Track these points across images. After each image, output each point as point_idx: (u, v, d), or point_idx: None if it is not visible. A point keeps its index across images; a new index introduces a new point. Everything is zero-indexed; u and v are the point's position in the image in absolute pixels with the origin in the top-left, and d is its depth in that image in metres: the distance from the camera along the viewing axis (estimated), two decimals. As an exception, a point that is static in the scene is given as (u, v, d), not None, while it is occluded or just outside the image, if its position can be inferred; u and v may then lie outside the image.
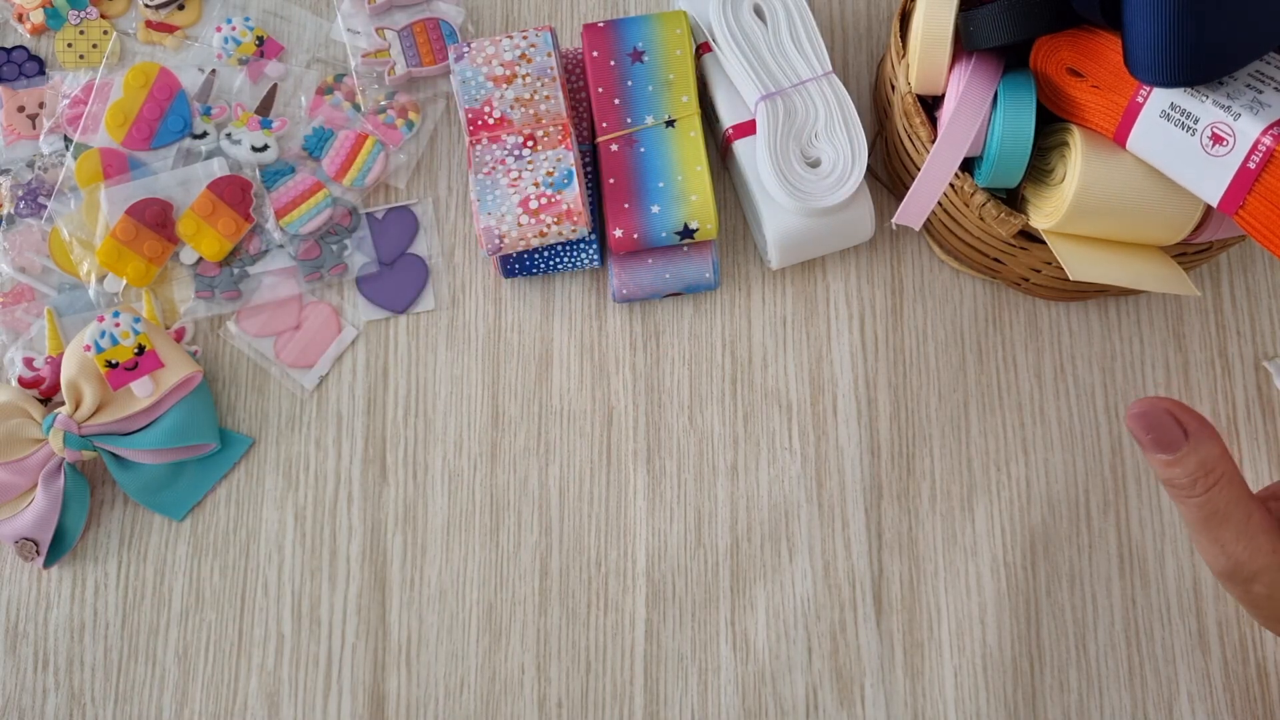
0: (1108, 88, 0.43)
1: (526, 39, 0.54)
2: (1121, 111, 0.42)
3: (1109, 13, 0.41)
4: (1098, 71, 0.43)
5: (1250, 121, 0.38)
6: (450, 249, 0.57)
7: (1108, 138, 0.44)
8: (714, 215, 0.53)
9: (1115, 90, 0.42)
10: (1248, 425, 0.55)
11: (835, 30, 0.60)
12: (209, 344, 0.56)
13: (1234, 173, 0.38)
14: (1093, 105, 0.44)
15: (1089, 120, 0.44)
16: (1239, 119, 0.38)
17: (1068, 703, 0.52)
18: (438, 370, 0.56)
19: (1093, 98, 0.44)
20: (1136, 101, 0.41)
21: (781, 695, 0.52)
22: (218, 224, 0.55)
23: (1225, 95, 0.39)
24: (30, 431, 0.52)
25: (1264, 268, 0.57)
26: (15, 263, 0.55)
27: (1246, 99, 0.39)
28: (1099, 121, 0.43)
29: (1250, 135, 0.38)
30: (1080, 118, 0.45)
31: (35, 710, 0.52)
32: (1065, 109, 0.46)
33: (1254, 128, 0.38)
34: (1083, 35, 0.43)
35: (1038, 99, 0.46)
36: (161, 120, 0.57)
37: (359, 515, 0.54)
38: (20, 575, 0.53)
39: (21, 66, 0.58)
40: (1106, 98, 0.43)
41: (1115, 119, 0.42)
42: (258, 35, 0.58)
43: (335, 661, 0.52)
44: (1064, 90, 0.45)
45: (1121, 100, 0.42)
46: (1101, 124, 0.43)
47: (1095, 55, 0.43)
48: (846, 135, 0.52)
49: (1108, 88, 0.43)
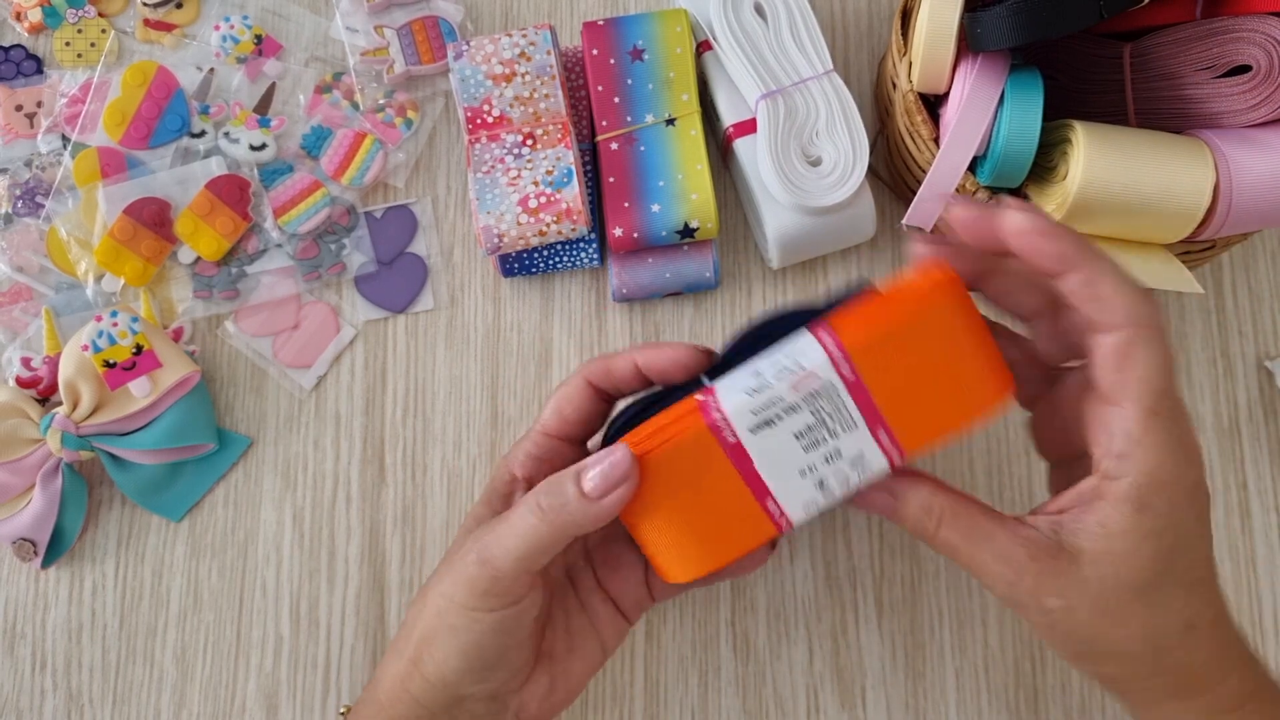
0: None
1: (526, 37, 0.54)
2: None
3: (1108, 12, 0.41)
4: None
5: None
6: (449, 248, 0.57)
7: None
8: (714, 214, 0.53)
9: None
10: (1249, 425, 0.55)
11: (836, 28, 0.60)
12: (207, 344, 0.56)
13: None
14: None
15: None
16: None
17: (1069, 703, 0.52)
18: (436, 370, 0.56)
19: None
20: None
21: (782, 696, 0.52)
22: (216, 223, 0.55)
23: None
24: (28, 431, 0.52)
25: (1266, 267, 0.57)
26: (13, 262, 0.55)
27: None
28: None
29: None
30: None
31: (34, 711, 0.52)
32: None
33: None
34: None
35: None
36: (159, 119, 0.56)
37: (357, 516, 0.54)
38: (18, 576, 0.53)
39: (19, 65, 0.58)
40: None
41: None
42: (256, 34, 0.58)
43: (334, 663, 0.52)
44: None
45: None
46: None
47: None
48: (848, 134, 0.52)
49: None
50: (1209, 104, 0.47)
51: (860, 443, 0.37)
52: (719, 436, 0.36)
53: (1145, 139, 0.46)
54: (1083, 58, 0.51)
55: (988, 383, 0.37)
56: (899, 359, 0.36)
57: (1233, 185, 0.44)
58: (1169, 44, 0.48)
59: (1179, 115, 0.48)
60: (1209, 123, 0.47)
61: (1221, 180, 0.45)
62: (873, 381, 0.36)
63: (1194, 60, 0.47)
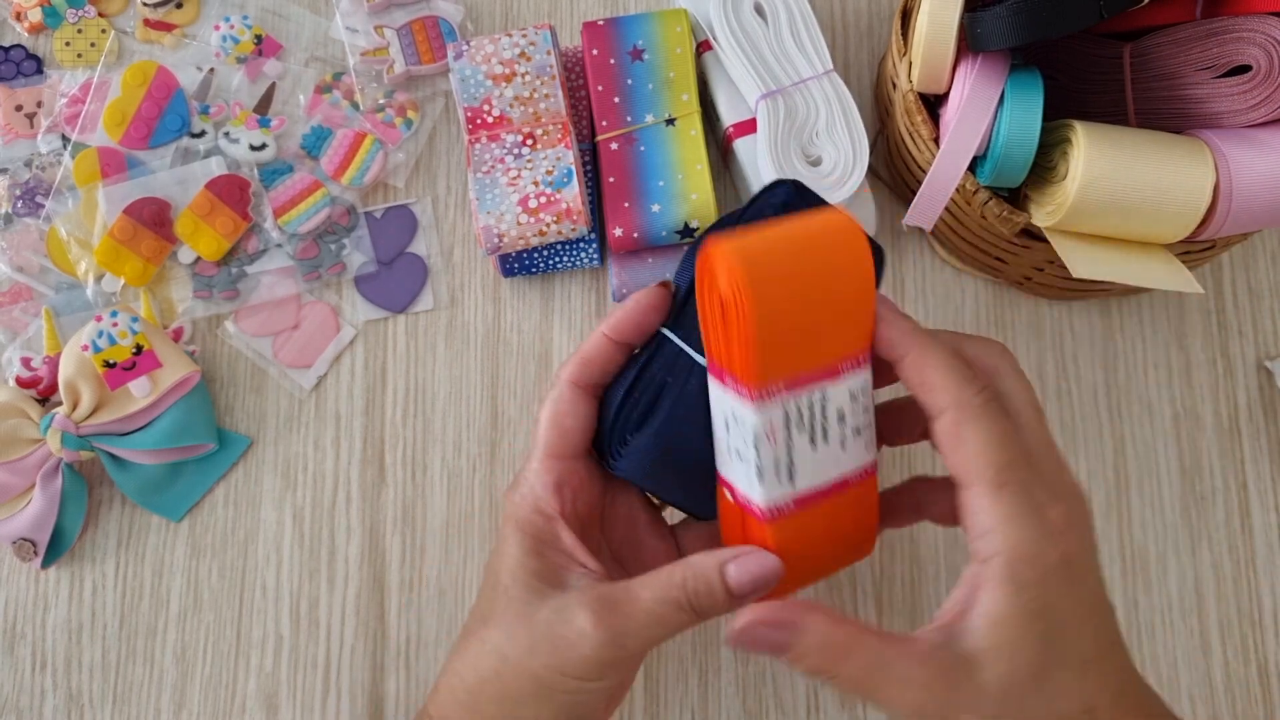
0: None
1: (526, 37, 0.54)
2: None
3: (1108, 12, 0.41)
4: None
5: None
6: (449, 248, 0.57)
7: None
8: (714, 214, 0.53)
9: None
10: (1249, 426, 0.55)
11: (836, 28, 0.60)
12: (207, 344, 0.56)
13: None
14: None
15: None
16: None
17: (1069, 704, 0.52)
18: (436, 370, 0.56)
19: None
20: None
21: (782, 696, 0.52)
22: (216, 223, 0.55)
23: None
24: (28, 431, 0.52)
25: (1266, 267, 0.57)
26: (13, 262, 0.55)
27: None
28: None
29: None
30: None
31: (33, 711, 0.52)
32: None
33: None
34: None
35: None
36: (159, 119, 0.56)
37: (357, 516, 0.54)
38: (18, 576, 0.53)
39: (19, 65, 0.58)
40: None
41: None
42: (256, 33, 0.58)
43: (334, 663, 0.52)
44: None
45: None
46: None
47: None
48: (848, 134, 0.52)
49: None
50: (1209, 104, 0.47)
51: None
52: (747, 514, 0.37)
53: (1145, 139, 0.46)
54: (1083, 58, 0.51)
55: (870, 537, 0.40)
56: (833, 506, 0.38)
57: (1233, 185, 0.44)
58: (1169, 44, 0.48)
59: (1179, 115, 0.48)
60: (1209, 123, 0.47)
61: (1221, 180, 0.45)
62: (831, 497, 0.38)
63: (1194, 60, 0.47)
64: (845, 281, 0.35)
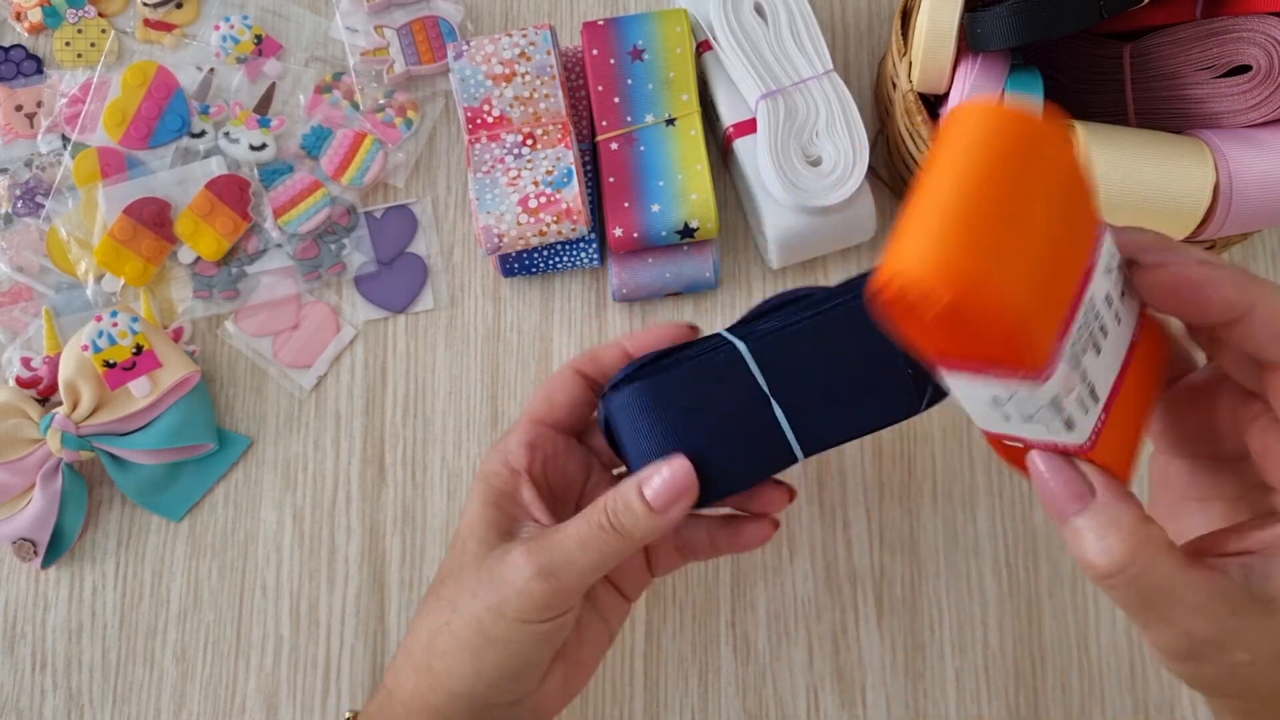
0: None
1: (526, 37, 0.54)
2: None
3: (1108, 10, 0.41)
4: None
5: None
6: (449, 248, 0.57)
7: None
8: (714, 214, 0.53)
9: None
10: (1250, 425, 0.55)
11: (836, 28, 0.60)
12: (207, 344, 0.56)
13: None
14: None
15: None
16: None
17: (1069, 704, 0.52)
18: (436, 370, 0.56)
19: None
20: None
21: (782, 696, 0.52)
22: (216, 223, 0.55)
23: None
24: (28, 431, 0.52)
25: (1266, 268, 0.57)
26: (13, 262, 0.55)
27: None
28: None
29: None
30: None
31: (33, 711, 0.52)
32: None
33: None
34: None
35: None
36: (159, 119, 0.56)
37: (358, 516, 0.54)
38: (18, 576, 0.53)
39: (19, 65, 0.58)
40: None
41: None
42: (256, 33, 0.58)
43: (334, 663, 0.52)
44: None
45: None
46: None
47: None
48: (848, 134, 0.52)
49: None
50: (1209, 104, 0.47)
51: (1102, 391, 0.30)
52: (1096, 235, 0.28)
53: (1145, 139, 0.46)
54: (1083, 58, 0.51)
55: (1134, 462, 0.32)
56: (1140, 384, 0.31)
57: (1233, 185, 0.44)
58: (1169, 44, 0.48)
59: (1179, 115, 0.48)
60: (1209, 123, 0.47)
61: (1221, 180, 0.45)
62: (1130, 377, 0.31)
63: (1194, 60, 0.47)
64: (1051, 195, 0.26)
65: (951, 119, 0.26)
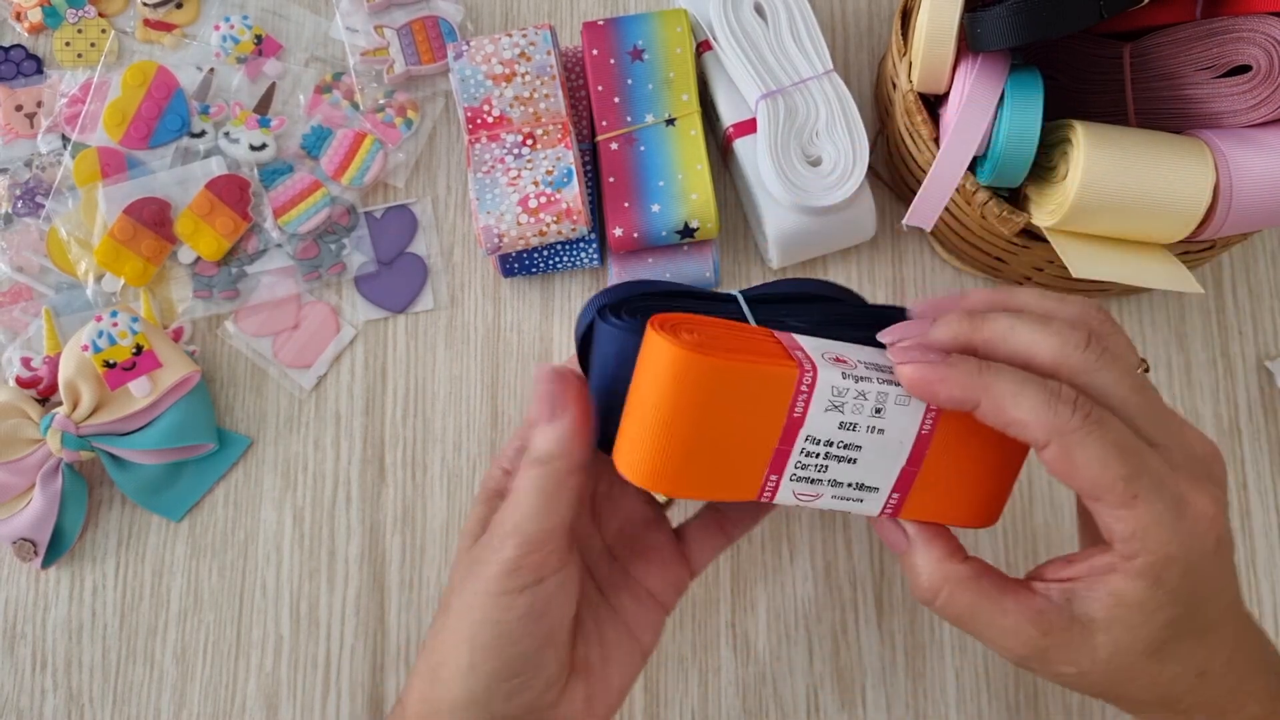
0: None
1: (526, 37, 0.54)
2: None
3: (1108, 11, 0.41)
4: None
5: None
6: (449, 248, 0.57)
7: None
8: (714, 214, 0.53)
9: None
10: (1249, 426, 0.55)
11: (836, 28, 0.60)
12: (207, 344, 0.56)
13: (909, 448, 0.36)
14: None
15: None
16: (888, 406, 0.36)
17: (1069, 703, 0.52)
18: (436, 370, 0.56)
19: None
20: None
21: (782, 696, 0.52)
22: (216, 223, 0.55)
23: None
24: (28, 432, 0.52)
25: (1266, 267, 0.57)
26: (13, 262, 0.55)
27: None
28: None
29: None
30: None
31: (33, 711, 0.52)
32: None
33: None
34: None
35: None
36: (159, 119, 0.56)
37: (358, 516, 0.54)
38: (18, 576, 0.53)
39: (19, 65, 0.58)
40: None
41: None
42: (256, 33, 0.58)
43: (334, 663, 0.52)
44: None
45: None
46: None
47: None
48: (848, 134, 0.52)
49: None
50: (1209, 104, 0.47)
51: (878, 483, 0.36)
52: (794, 399, 0.34)
53: (1145, 139, 0.46)
54: (1083, 58, 0.51)
55: (992, 508, 0.39)
56: (964, 453, 0.36)
57: (1233, 185, 0.44)
58: (1169, 44, 0.48)
59: (1179, 115, 0.48)
60: (1209, 123, 0.47)
61: (1221, 180, 0.45)
62: (934, 456, 0.36)
63: (1194, 60, 0.47)
64: (723, 399, 0.33)
65: (645, 352, 0.34)
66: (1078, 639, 0.34)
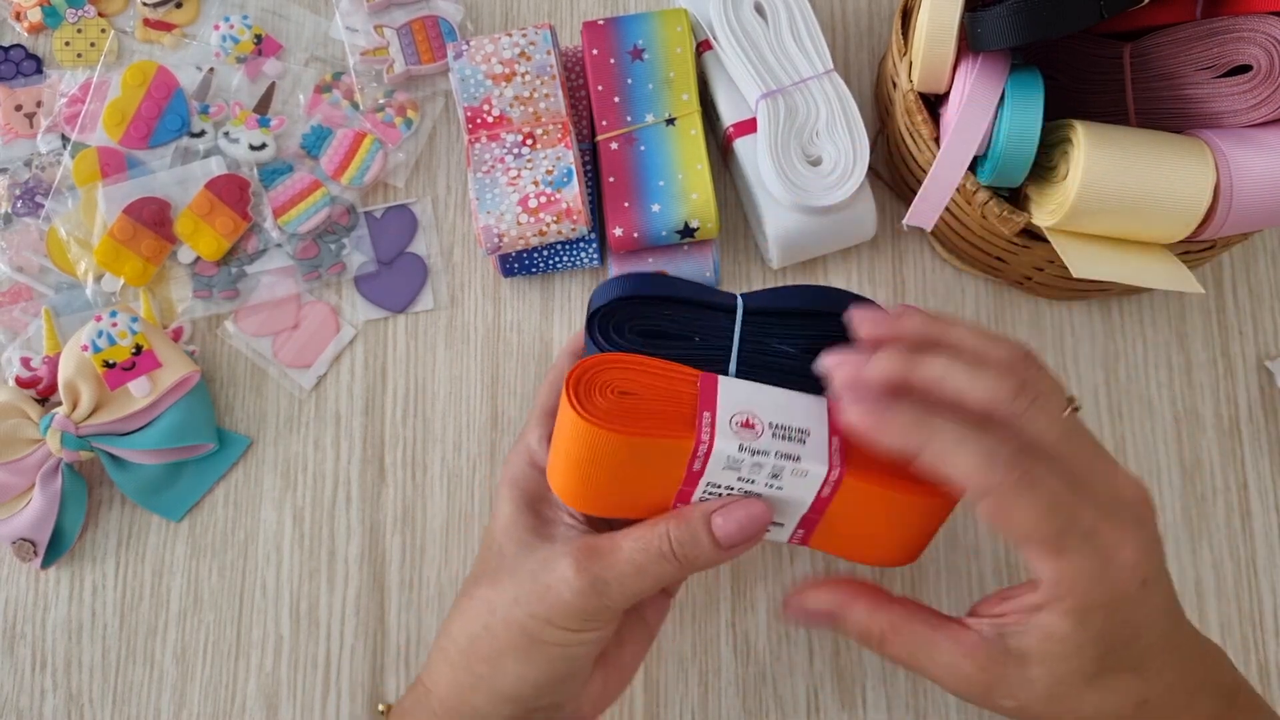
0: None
1: (526, 37, 0.54)
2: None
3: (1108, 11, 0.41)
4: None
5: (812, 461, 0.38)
6: (449, 248, 0.57)
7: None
8: (714, 214, 0.53)
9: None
10: (1250, 426, 0.55)
11: (836, 28, 0.60)
12: (207, 344, 0.56)
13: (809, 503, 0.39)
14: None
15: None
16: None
17: (1070, 704, 0.52)
18: (436, 370, 0.56)
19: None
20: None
21: (782, 696, 0.52)
22: (215, 223, 0.55)
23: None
24: (27, 432, 0.52)
25: (1266, 268, 0.57)
26: (13, 262, 0.55)
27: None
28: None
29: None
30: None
31: (33, 711, 0.52)
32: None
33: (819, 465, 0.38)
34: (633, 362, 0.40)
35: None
36: (159, 119, 0.56)
37: (357, 516, 0.54)
38: (18, 576, 0.53)
39: (19, 65, 0.58)
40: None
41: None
42: (256, 33, 0.58)
43: (334, 663, 0.52)
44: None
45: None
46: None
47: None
48: (848, 133, 0.52)
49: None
50: (1209, 104, 0.47)
51: (782, 519, 0.40)
52: (691, 461, 0.38)
53: (1145, 139, 0.46)
54: (1083, 58, 0.51)
55: (909, 550, 0.42)
56: (874, 508, 0.39)
57: (1233, 185, 0.44)
58: (1169, 44, 0.48)
59: (1179, 115, 0.48)
60: (1209, 123, 0.47)
61: (1221, 180, 0.45)
62: (836, 510, 0.39)
63: (1194, 60, 0.47)
64: (626, 456, 0.37)
65: (562, 409, 0.38)
66: (1014, 672, 0.35)
